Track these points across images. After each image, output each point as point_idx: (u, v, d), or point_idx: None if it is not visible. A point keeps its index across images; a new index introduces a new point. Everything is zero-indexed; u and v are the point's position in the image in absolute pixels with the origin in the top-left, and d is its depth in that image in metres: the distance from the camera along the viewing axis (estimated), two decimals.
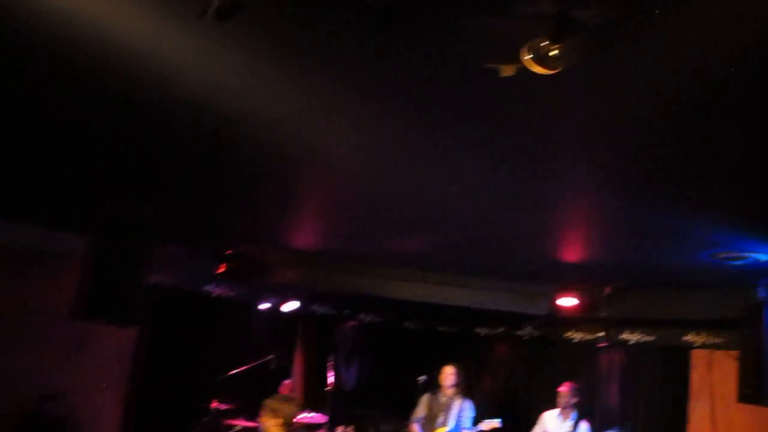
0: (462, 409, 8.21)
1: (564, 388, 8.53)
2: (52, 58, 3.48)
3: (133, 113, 4.20)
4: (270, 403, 5.29)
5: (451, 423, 8.13)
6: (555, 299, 8.84)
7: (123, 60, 3.37)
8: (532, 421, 10.43)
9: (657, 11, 2.54)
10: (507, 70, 2.95)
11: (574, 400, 8.51)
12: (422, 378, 8.02)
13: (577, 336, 10.10)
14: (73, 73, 3.65)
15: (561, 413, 8.51)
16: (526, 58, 2.66)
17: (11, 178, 6.38)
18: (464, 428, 8.05)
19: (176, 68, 3.44)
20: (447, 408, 8.21)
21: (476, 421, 8.14)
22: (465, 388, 8.39)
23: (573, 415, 8.45)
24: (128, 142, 4.89)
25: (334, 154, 4.64)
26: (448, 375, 8.28)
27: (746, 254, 6.03)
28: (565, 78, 3.09)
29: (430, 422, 8.24)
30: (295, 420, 5.23)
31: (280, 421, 5.16)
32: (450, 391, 8.26)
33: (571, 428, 8.32)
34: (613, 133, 3.82)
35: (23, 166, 5.99)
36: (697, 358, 8.84)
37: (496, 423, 7.93)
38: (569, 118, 3.66)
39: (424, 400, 8.43)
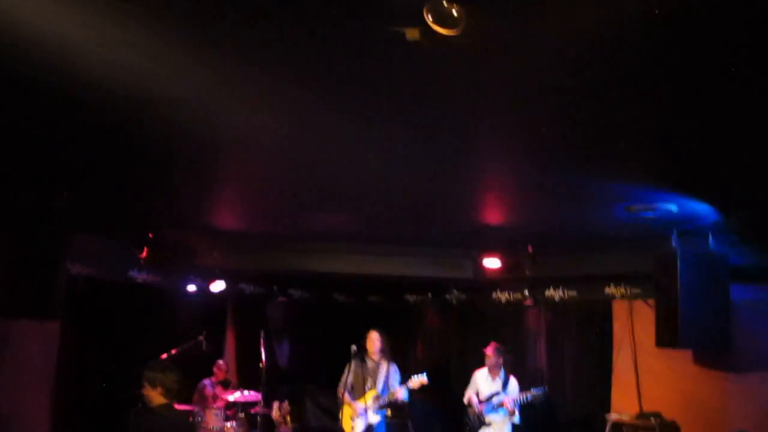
0: (389, 373, 8.31)
1: (490, 349, 8.74)
2: None
3: (37, 98, 4.04)
4: (147, 373, 5.24)
5: (380, 386, 8.23)
6: (480, 262, 9.01)
7: (22, 42, 3.24)
8: (465, 382, 10.68)
9: None
10: (412, 33, 2.96)
11: (501, 360, 8.72)
12: (354, 347, 8.06)
13: (503, 297, 10.34)
14: None
15: (489, 373, 8.72)
16: (428, 18, 2.68)
17: None
18: (393, 389, 8.15)
19: (77, 49, 3.32)
20: (374, 372, 8.30)
21: (403, 381, 8.26)
22: (390, 353, 8.47)
23: (501, 373, 8.66)
24: (35, 128, 4.71)
25: (246, 131, 4.58)
26: (374, 340, 8.36)
27: (656, 205, 6.25)
28: (476, 44, 3.13)
29: (358, 388, 8.31)
30: (176, 386, 5.20)
31: (160, 390, 5.14)
32: (377, 357, 8.34)
33: (500, 387, 8.54)
34: (525, 98, 3.88)
35: None
36: (618, 309, 9.18)
37: (423, 379, 8.06)
38: (483, 84, 3.70)
39: (351, 367, 8.48)
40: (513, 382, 8.64)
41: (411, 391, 8.21)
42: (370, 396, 8.21)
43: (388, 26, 2.98)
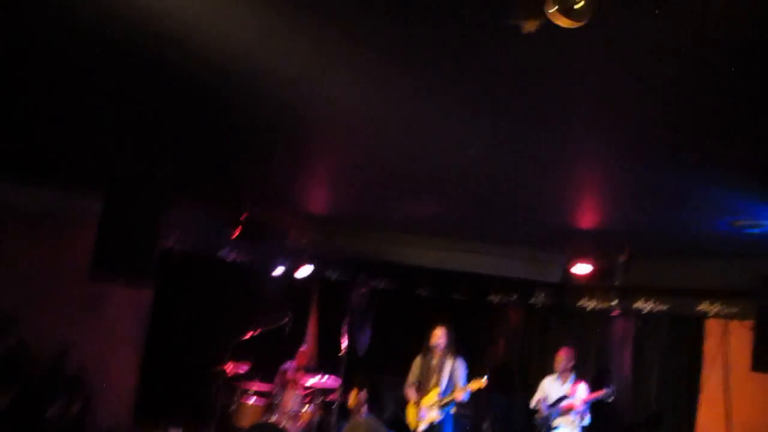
0: (454, 369, 8.22)
1: (561, 353, 8.61)
2: (63, 9, 3.44)
3: (147, 70, 4.18)
4: None
5: (444, 383, 8.15)
6: (569, 267, 8.81)
7: (137, 15, 3.34)
8: None
9: None
10: (530, 26, 2.90)
11: (572, 364, 8.59)
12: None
13: (590, 304, 10.07)
14: (86, 28, 3.63)
15: (560, 377, 8.58)
16: (551, 11, 2.61)
17: (25, 139, 6.39)
18: (458, 387, 8.07)
19: (191, 24, 3.41)
20: (439, 369, 8.22)
21: (469, 378, 8.17)
22: (455, 348, 8.38)
23: (571, 377, 8.51)
24: (142, 99, 4.88)
25: (348, 113, 4.61)
26: (438, 336, 8.27)
27: (764, 222, 5.96)
28: (583, 36, 3.04)
29: (424, 384, 8.27)
30: None
31: None
32: (440, 353, 8.26)
33: (568, 391, 8.39)
34: (632, 94, 3.76)
35: (37, 127, 5.99)
36: (711, 327, 8.80)
37: (482, 382, 7.95)
38: (587, 77, 3.60)
39: (416, 363, 8.45)
40: (582, 386, 8.46)
41: (478, 392, 8.11)
42: (433, 393, 8.16)
43: (508, 18, 2.92)
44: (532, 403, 8.71)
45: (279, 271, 10.43)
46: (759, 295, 7.00)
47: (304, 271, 10.20)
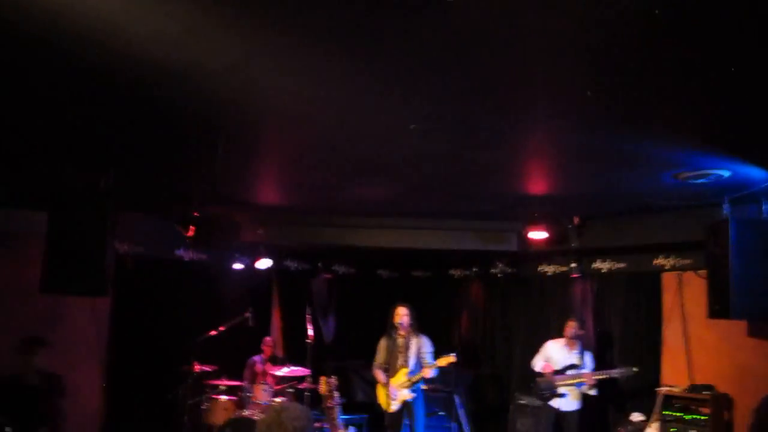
0: (420, 347, 8.28)
1: (571, 321, 8.69)
2: None
3: (79, 75, 4.07)
4: None
5: (411, 362, 8.21)
6: (525, 234, 8.90)
7: (62, 15, 3.24)
8: (510, 356, 10.64)
9: None
10: None
11: (581, 333, 8.70)
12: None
13: (549, 269, 10.24)
14: (12, 35, 3.52)
15: (567, 344, 8.67)
16: None
17: None
18: (426, 364, 8.12)
19: (115, 21, 3.32)
20: (405, 348, 8.26)
21: (436, 354, 8.23)
22: (419, 326, 8.43)
23: (578, 346, 8.62)
24: (78, 107, 4.76)
25: (286, 101, 4.55)
26: (402, 315, 8.29)
27: (708, 171, 6.07)
28: (510, 4, 3.05)
29: (392, 365, 8.31)
30: None
31: None
32: (405, 332, 8.30)
33: (577, 359, 8.51)
34: (566, 58, 3.77)
35: None
36: (668, 280, 9.00)
37: (451, 357, 8.03)
38: (521, 46, 3.60)
39: (382, 344, 8.48)
40: (588, 355, 8.62)
41: (446, 367, 8.19)
42: (402, 373, 8.21)
43: None
44: (537, 367, 8.75)
45: (238, 266, 10.38)
46: (707, 244, 7.13)
47: (263, 263, 10.16)
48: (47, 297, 7.00)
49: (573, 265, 9.71)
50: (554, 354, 8.67)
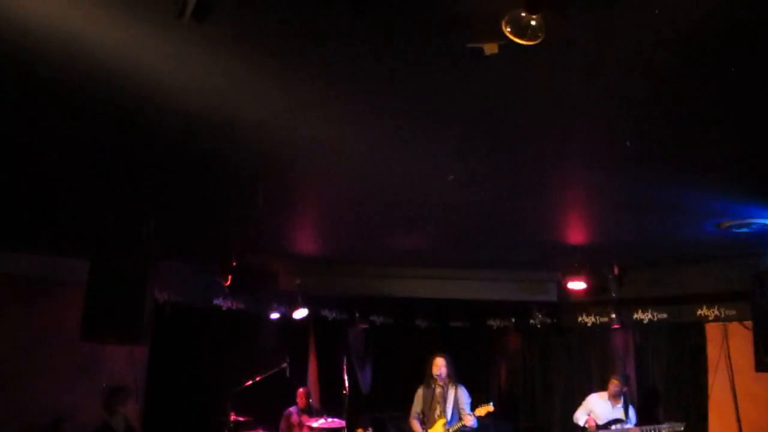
0: (458, 397, 8.16)
1: (614, 379, 8.55)
2: (34, 74, 3.44)
3: (121, 125, 4.16)
4: None
5: (449, 413, 8.09)
6: (564, 284, 8.79)
7: (106, 69, 3.33)
8: (550, 407, 10.42)
9: None
10: (490, 48, 2.93)
11: (625, 388, 8.56)
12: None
13: (589, 320, 10.07)
14: (57, 91, 3.62)
15: (610, 399, 8.52)
16: (506, 30, 2.63)
17: (7, 206, 6.37)
18: (464, 415, 8.00)
19: (157, 75, 3.40)
20: (443, 399, 8.16)
21: (473, 406, 8.10)
22: (457, 377, 8.32)
23: (622, 401, 8.47)
24: (120, 157, 4.86)
25: (326, 152, 4.60)
26: (439, 366, 8.21)
27: (752, 221, 5.97)
28: (552, 54, 3.06)
29: (429, 415, 8.19)
30: None
31: None
32: (442, 382, 8.20)
33: (622, 414, 8.35)
34: (606, 108, 3.77)
35: (18, 193, 5.98)
36: (712, 331, 8.79)
37: (489, 407, 7.91)
38: (560, 96, 3.61)
39: (419, 393, 8.39)
40: (632, 410, 8.47)
41: (489, 417, 8.05)
42: (439, 424, 8.08)
43: (466, 42, 2.94)
44: (580, 421, 8.59)
45: (275, 315, 10.38)
46: (753, 295, 6.97)
47: (300, 313, 10.14)
48: (87, 344, 7.09)
49: (613, 315, 9.53)
50: (597, 408, 8.49)
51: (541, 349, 10.98)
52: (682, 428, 8.03)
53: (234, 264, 9.02)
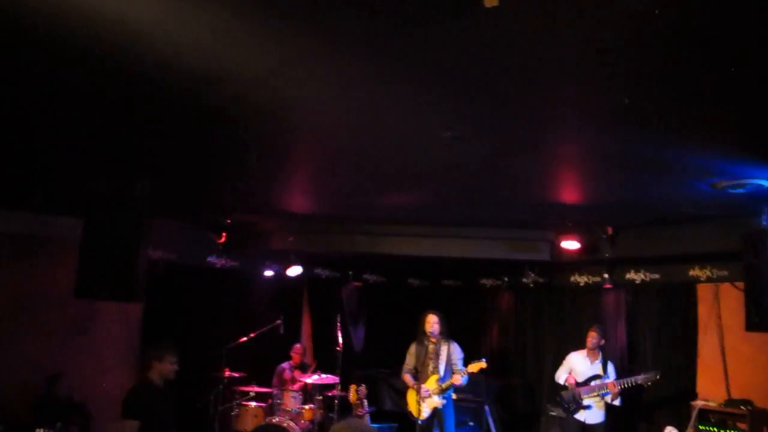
0: (450, 353, 8.23)
1: (593, 331, 8.57)
2: (23, 27, 3.38)
3: (112, 82, 4.11)
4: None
5: (442, 368, 8.16)
6: (557, 244, 8.81)
7: (98, 25, 3.27)
8: (541, 366, 10.53)
9: None
10: (490, 0, 2.86)
11: (602, 342, 8.57)
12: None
13: (581, 279, 10.12)
14: (50, 44, 3.55)
15: (588, 354, 8.57)
16: None
17: (2, 164, 6.33)
18: (456, 371, 8.08)
19: (151, 30, 3.34)
20: (436, 355, 8.22)
21: (465, 362, 8.17)
22: (449, 333, 8.38)
23: (600, 357, 8.53)
24: (111, 115, 4.80)
25: (319, 108, 4.55)
26: (432, 323, 8.25)
27: (747, 181, 5.93)
28: (547, 10, 3.01)
29: (422, 371, 8.26)
30: None
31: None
32: (435, 339, 8.26)
33: (600, 370, 8.41)
34: (602, 64, 3.72)
35: (11, 151, 5.93)
36: (704, 291, 8.85)
37: (482, 363, 7.98)
38: (558, 51, 3.55)
39: (412, 350, 8.45)
40: (611, 365, 8.51)
41: (476, 377, 8.14)
42: (432, 380, 8.16)
43: None
44: (560, 379, 8.67)
45: (268, 273, 10.42)
46: (745, 255, 6.98)
47: (293, 271, 10.18)
48: (80, 302, 7.10)
49: (605, 275, 9.58)
50: (577, 365, 8.58)
51: (534, 308, 11.06)
52: (658, 376, 8.12)
53: (227, 222, 9.04)
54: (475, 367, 8.00)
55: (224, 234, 9.20)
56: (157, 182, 6.55)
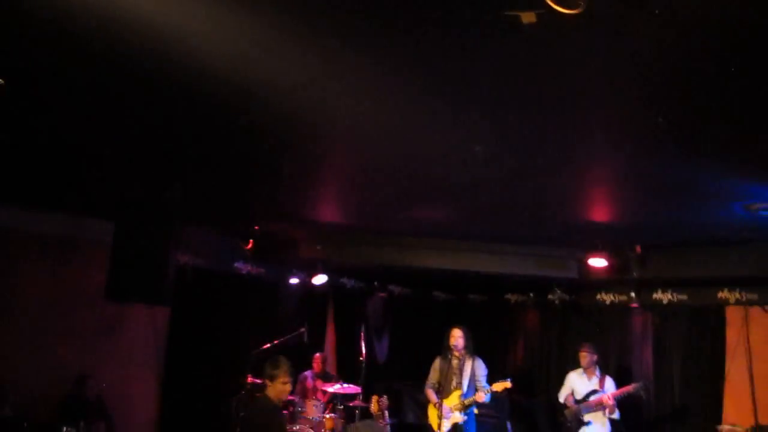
0: (474, 369, 8.18)
1: (584, 349, 8.63)
2: (68, 36, 3.45)
3: (150, 89, 4.18)
4: None
5: (465, 384, 8.11)
6: (585, 262, 8.75)
7: (136, 33, 3.34)
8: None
9: None
10: (528, 17, 2.88)
11: (596, 358, 8.62)
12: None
13: (608, 298, 10.03)
14: (89, 50, 3.63)
15: (585, 372, 8.60)
16: None
17: (38, 166, 6.44)
18: (480, 388, 8.03)
19: (189, 39, 3.40)
20: (459, 370, 8.17)
21: (490, 379, 8.13)
22: (474, 349, 8.33)
23: (597, 372, 8.53)
24: (148, 121, 4.88)
25: (353, 120, 4.59)
26: (457, 338, 8.19)
27: None
28: (582, 26, 3.02)
29: (445, 386, 8.21)
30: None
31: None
32: (459, 354, 8.21)
33: (597, 385, 8.41)
34: (637, 85, 3.73)
35: (49, 154, 6.03)
36: (732, 314, 8.75)
37: (507, 383, 7.92)
38: (589, 71, 3.57)
39: (436, 364, 8.40)
40: (609, 380, 8.52)
41: (502, 393, 8.10)
42: (455, 395, 8.12)
43: (503, 10, 2.89)
44: (561, 398, 8.73)
45: (294, 280, 10.46)
46: None
47: (319, 279, 10.20)
48: (110, 304, 7.18)
49: (632, 294, 9.50)
50: (575, 384, 8.65)
51: (559, 326, 10.96)
52: (649, 385, 8.35)
53: (256, 229, 9.09)
54: (499, 386, 7.94)
55: (252, 241, 9.25)
56: (188, 188, 6.63)
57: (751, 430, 7.91)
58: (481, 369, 8.23)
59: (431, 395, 8.34)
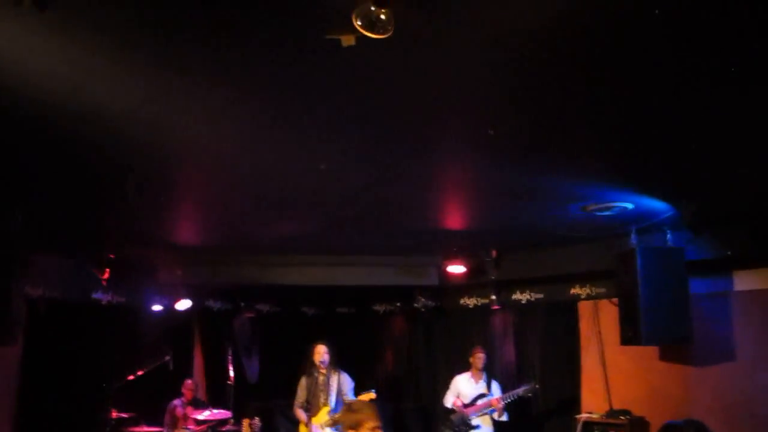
0: (341, 384, 8.25)
1: (477, 353, 8.85)
2: None
3: None
4: None
5: (333, 400, 8.17)
6: (444, 268, 9.01)
7: None
8: (434, 388, 10.67)
9: None
10: (347, 40, 2.97)
11: (485, 363, 8.85)
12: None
13: (471, 302, 10.37)
14: None
15: (473, 375, 8.82)
16: (357, 23, 2.68)
17: None
18: (346, 402, 8.10)
19: (18, 64, 3.27)
20: (326, 386, 8.22)
21: (356, 392, 8.22)
22: (339, 363, 8.41)
23: (484, 376, 8.77)
24: None
25: (196, 142, 4.55)
26: (321, 353, 8.25)
27: (613, 204, 6.30)
28: (405, 46, 3.13)
29: (313, 403, 8.23)
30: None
31: None
32: (325, 369, 8.26)
33: (485, 389, 8.64)
34: (464, 97, 3.89)
35: None
36: (584, 308, 9.24)
37: (371, 394, 8.02)
38: (421, 85, 3.69)
39: (302, 383, 8.40)
40: (495, 383, 8.81)
41: (376, 401, 8.16)
42: (324, 412, 8.15)
43: (323, 34, 2.97)
44: (447, 403, 8.86)
45: (157, 308, 10.16)
46: (618, 274, 7.37)
47: (183, 304, 9.96)
48: None
49: (493, 297, 9.85)
50: (463, 387, 8.85)
51: (425, 332, 11.23)
52: (537, 385, 8.70)
53: (111, 257, 8.78)
54: (364, 397, 8.01)
55: (108, 269, 8.92)
56: (33, 215, 6.32)
57: (606, 415, 8.37)
58: (347, 383, 8.30)
59: (300, 414, 8.32)
